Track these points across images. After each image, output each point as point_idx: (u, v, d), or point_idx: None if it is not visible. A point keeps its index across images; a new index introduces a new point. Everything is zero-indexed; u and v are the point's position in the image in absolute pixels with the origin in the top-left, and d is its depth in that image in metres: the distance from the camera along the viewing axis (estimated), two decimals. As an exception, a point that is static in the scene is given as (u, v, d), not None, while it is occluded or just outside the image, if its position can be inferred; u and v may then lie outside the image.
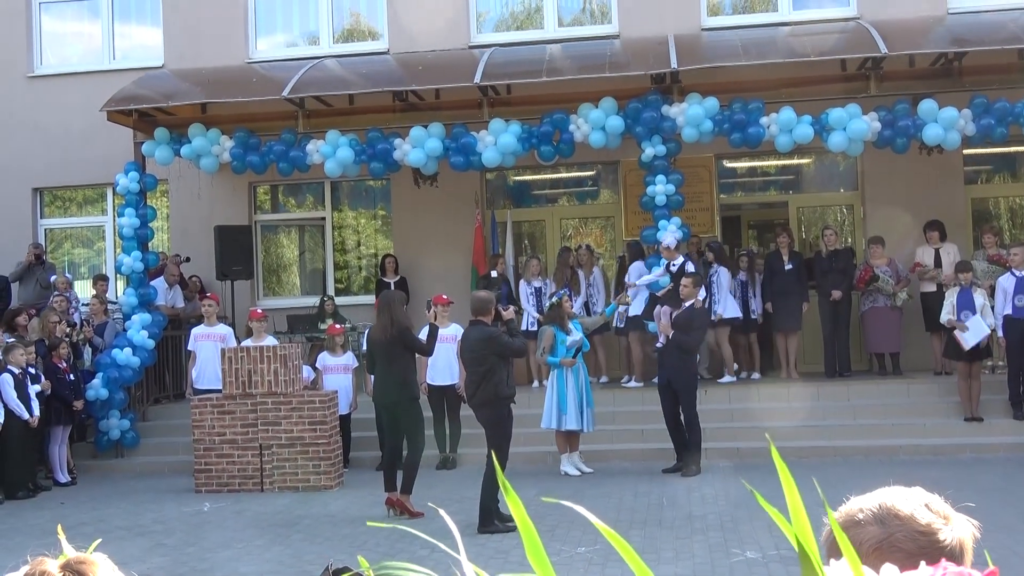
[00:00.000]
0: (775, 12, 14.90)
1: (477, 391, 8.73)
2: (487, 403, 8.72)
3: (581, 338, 11.13)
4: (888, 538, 1.53)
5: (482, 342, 8.68)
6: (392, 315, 9.40)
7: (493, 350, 8.67)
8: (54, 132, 15.69)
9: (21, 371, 11.25)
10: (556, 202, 16.15)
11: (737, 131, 12.44)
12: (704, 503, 9.25)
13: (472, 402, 8.89)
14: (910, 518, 1.55)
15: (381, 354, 9.47)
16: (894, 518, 1.55)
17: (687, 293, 11.09)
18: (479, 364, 8.69)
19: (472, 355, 8.77)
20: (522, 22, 15.68)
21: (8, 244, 15.11)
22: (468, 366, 8.93)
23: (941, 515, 1.57)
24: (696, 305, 11.06)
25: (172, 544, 8.65)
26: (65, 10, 16.55)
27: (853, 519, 1.59)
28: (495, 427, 8.77)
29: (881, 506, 1.58)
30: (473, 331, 8.81)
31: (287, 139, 13.23)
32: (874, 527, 1.56)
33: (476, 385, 8.74)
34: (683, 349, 10.85)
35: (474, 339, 8.75)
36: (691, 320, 10.89)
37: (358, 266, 16.21)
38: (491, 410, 8.74)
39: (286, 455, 10.91)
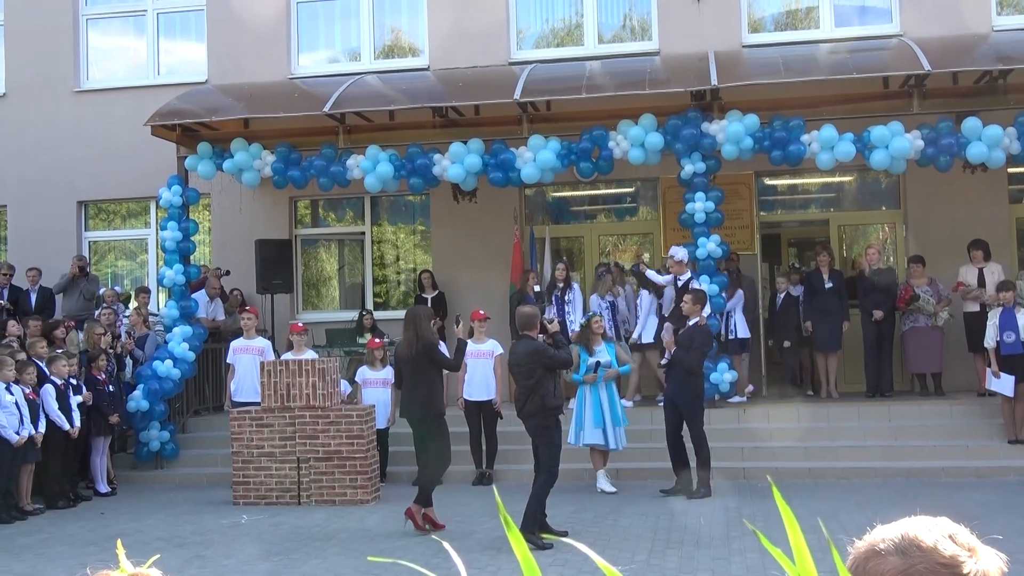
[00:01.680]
0: (816, 29, 14.82)
1: (526, 403, 8.87)
2: (535, 414, 8.87)
3: (608, 360, 11.09)
4: (908, 569, 1.48)
5: (530, 355, 8.85)
6: (417, 330, 9.45)
7: (541, 363, 8.83)
8: (99, 146, 15.91)
9: (63, 382, 11.39)
10: (595, 218, 16.13)
11: (778, 148, 12.37)
12: (742, 523, 9.16)
13: (521, 413, 9.01)
14: (933, 549, 1.49)
15: (407, 369, 9.59)
16: (916, 549, 1.50)
17: (689, 310, 10.96)
18: (527, 377, 8.83)
19: (521, 368, 8.92)
20: (562, 39, 15.71)
21: (53, 256, 15.32)
22: (517, 379, 9.07)
23: (966, 547, 1.51)
24: (699, 323, 10.91)
25: (210, 556, 8.70)
26: (111, 26, 16.81)
27: (874, 549, 1.54)
28: (542, 437, 8.92)
29: (903, 536, 1.53)
30: (521, 345, 9.01)
31: (328, 154, 13.32)
32: (895, 558, 1.50)
33: (525, 397, 8.88)
34: (685, 367, 10.69)
35: (522, 353, 8.92)
36: (692, 338, 10.72)
37: (397, 281, 16.27)
38: (539, 421, 8.88)
39: (323, 468, 10.95)
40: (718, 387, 12.48)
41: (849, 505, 9.76)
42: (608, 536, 8.84)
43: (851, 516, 9.20)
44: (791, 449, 12.00)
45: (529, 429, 9.03)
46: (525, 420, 9.03)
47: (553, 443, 8.96)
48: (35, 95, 16.26)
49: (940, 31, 13.48)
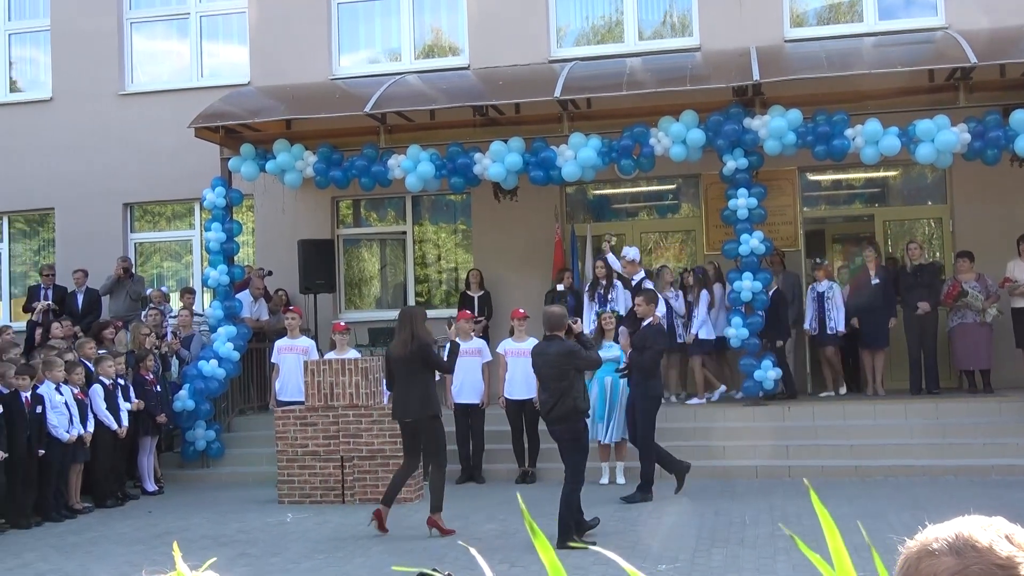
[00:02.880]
0: (860, 23, 14.66)
1: (556, 406, 8.61)
2: (565, 417, 8.63)
3: (616, 356, 11.16)
4: (963, 570, 1.43)
5: (564, 356, 8.60)
6: (413, 330, 9.34)
7: (574, 364, 8.63)
8: (144, 148, 16.09)
9: (112, 382, 11.53)
10: (636, 216, 16.07)
11: (821, 143, 12.25)
12: (788, 522, 9.08)
13: (549, 416, 8.76)
14: (988, 550, 1.44)
15: (401, 370, 9.35)
16: (971, 549, 1.45)
17: (642, 311, 10.85)
18: (560, 379, 8.59)
19: (552, 370, 8.65)
20: (603, 36, 15.66)
21: (100, 258, 15.51)
22: (547, 381, 8.77)
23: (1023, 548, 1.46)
24: (653, 323, 10.78)
25: (255, 554, 8.77)
26: (155, 29, 16.99)
27: (927, 548, 1.48)
28: (574, 441, 8.72)
29: (958, 536, 1.47)
30: (552, 346, 8.71)
31: (369, 154, 13.37)
32: (949, 558, 1.45)
33: (555, 400, 8.61)
34: (638, 369, 10.55)
35: (555, 354, 8.64)
36: (646, 339, 10.53)
37: (439, 280, 16.30)
38: (569, 424, 8.67)
39: (367, 467, 11.00)
40: (762, 384, 12.39)
41: (897, 504, 9.64)
42: (652, 535, 8.80)
43: (899, 515, 9.09)
44: (837, 447, 11.89)
45: (557, 433, 8.79)
46: (553, 424, 8.77)
47: (583, 447, 8.81)
48: (81, 99, 16.48)
49: (987, 23, 13.28)
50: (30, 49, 17.37)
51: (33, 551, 9.22)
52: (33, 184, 16.52)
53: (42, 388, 10.64)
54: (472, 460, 12.03)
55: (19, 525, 10.20)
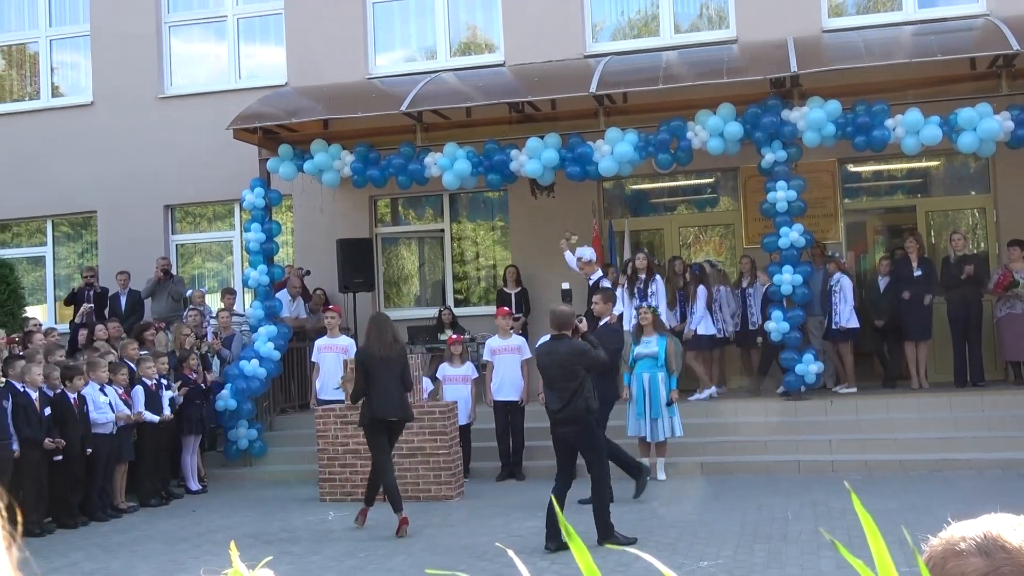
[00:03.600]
0: (899, 11, 14.48)
1: (566, 406, 8.40)
2: (577, 418, 8.42)
3: (655, 352, 11.12)
4: (993, 572, 1.37)
5: (575, 356, 8.44)
6: (395, 334, 9.82)
7: (585, 364, 8.46)
8: (184, 151, 16.24)
9: (154, 383, 11.65)
10: (674, 210, 15.98)
11: (861, 134, 12.11)
12: (831, 517, 9.00)
13: (558, 417, 8.49)
14: (1018, 550, 1.38)
15: (383, 372, 9.54)
16: (1000, 549, 1.39)
17: (599, 310, 10.74)
18: (570, 379, 8.39)
19: (563, 370, 8.42)
20: (639, 30, 15.59)
21: (142, 259, 15.67)
22: (557, 382, 8.50)
23: None
24: (610, 322, 10.64)
25: (298, 552, 8.82)
26: (193, 32, 17.13)
27: (954, 548, 1.42)
28: (590, 440, 8.58)
29: (986, 535, 1.41)
30: (562, 345, 8.52)
31: (406, 152, 13.40)
32: (977, 558, 1.39)
33: (565, 401, 8.39)
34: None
35: (566, 353, 8.45)
36: (602, 338, 9.97)
37: (477, 277, 16.31)
38: (581, 425, 8.48)
39: (407, 465, 11.02)
40: (803, 379, 12.29)
41: (943, 498, 9.52)
42: (694, 531, 8.74)
43: (945, 510, 8.91)
44: (880, 441, 11.76)
45: (569, 435, 8.51)
46: (562, 425, 8.50)
47: (598, 445, 8.66)
48: (121, 103, 16.66)
49: (1029, 9, 13.06)
50: (71, 54, 17.58)
51: (80, 550, 9.34)
52: (76, 188, 16.73)
53: (86, 389, 10.78)
54: (512, 457, 12.02)
55: (66, 525, 10.33)
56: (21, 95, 17.71)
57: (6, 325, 13.47)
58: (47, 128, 17.01)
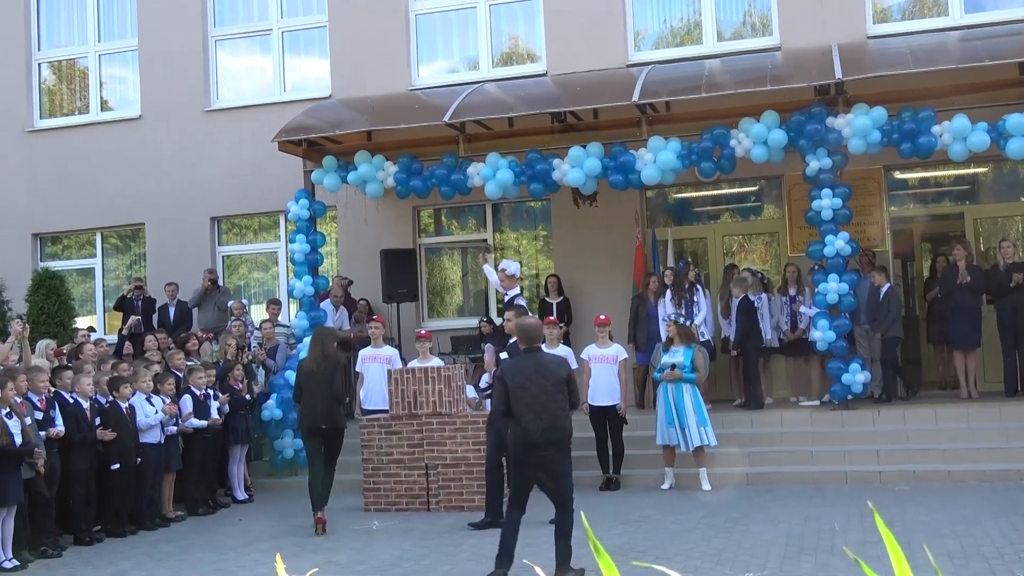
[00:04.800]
0: (945, 16, 14.33)
1: (553, 423, 7.68)
2: (561, 441, 7.77)
3: (680, 361, 11.25)
4: None
5: (562, 367, 7.90)
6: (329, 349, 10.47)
7: (571, 375, 7.96)
8: (230, 163, 16.44)
9: (202, 393, 11.78)
10: (718, 219, 15.91)
11: (907, 141, 11.99)
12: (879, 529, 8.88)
13: (544, 438, 7.66)
14: None
15: (321, 381, 10.19)
16: None
17: (510, 328, 10.52)
18: (559, 391, 7.74)
19: (553, 383, 7.71)
20: (682, 38, 15.55)
21: (190, 270, 15.87)
22: (539, 398, 7.67)
23: None
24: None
25: (343, 562, 8.86)
26: (238, 46, 17.33)
27: None
28: (564, 466, 7.84)
29: None
30: (545, 357, 7.98)
31: (448, 163, 13.46)
32: None
33: (552, 416, 7.68)
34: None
35: (554, 364, 7.86)
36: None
37: (520, 286, 16.29)
38: (563, 447, 7.80)
39: (451, 475, 11.05)
40: (850, 388, 12.17)
41: (992, 509, 9.38)
42: (739, 542, 8.68)
43: (995, 522, 8.84)
44: (928, 451, 11.60)
45: (547, 460, 7.70)
46: (547, 447, 7.67)
47: (571, 471, 7.97)
48: (168, 116, 16.90)
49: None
50: (119, 69, 17.85)
51: (128, 559, 9.45)
52: (124, 200, 16.98)
53: (134, 398, 10.92)
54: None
55: (115, 533, 10.46)
56: (71, 109, 18.02)
57: (57, 336, 13.71)
58: (96, 142, 17.30)
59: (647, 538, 9.03)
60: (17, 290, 15.74)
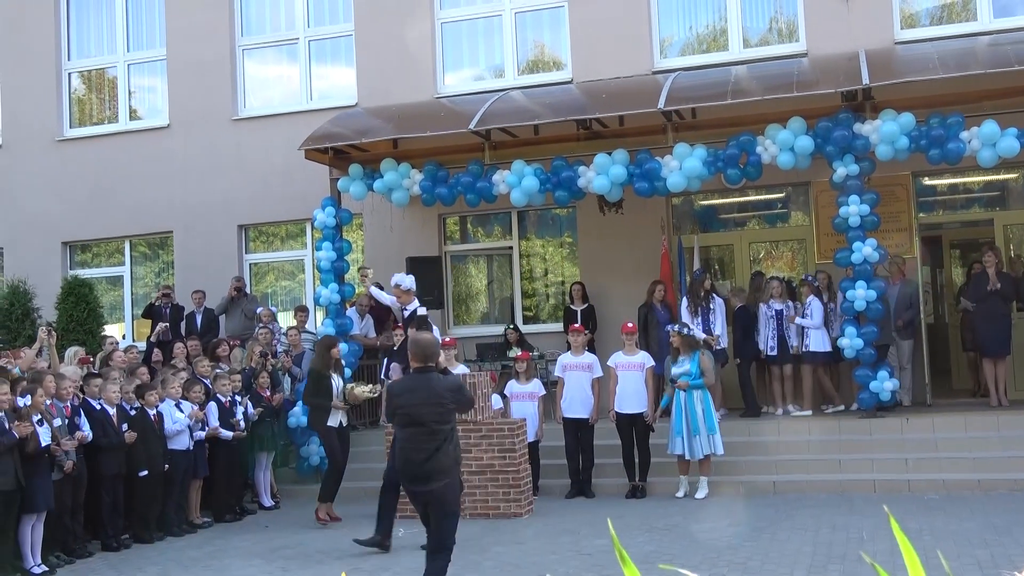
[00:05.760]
0: (974, 21, 14.22)
1: (434, 455, 6.81)
2: (447, 470, 6.87)
3: (688, 370, 11.29)
4: None
5: (453, 392, 7.04)
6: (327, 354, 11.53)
7: (459, 403, 7.15)
8: (257, 171, 16.53)
9: (228, 400, 11.83)
10: (744, 226, 15.84)
11: (935, 147, 11.90)
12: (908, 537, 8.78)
13: (424, 469, 6.81)
14: None
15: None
16: None
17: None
18: (444, 421, 6.92)
19: (438, 409, 6.89)
20: (708, 45, 15.52)
21: (218, 278, 15.97)
22: (425, 424, 6.88)
23: None
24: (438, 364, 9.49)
25: (368, 568, 8.87)
26: (266, 55, 17.44)
27: None
28: (453, 502, 7.01)
29: None
30: (434, 380, 7.02)
31: (474, 170, 13.48)
32: None
33: (434, 449, 6.82)
34: None
35: (443, 388, 6.98)
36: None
37: (546, 294, 16.32)
38: (452, 481, 6.95)
39: (477, 482, 11.04)
40: (878, 396, 12.08)
41: (1022, 519, 9.27)
42: (766, 551, 8.62)
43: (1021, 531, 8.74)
44: (958, 460, 11.48)
45: (435, 493, 6.84)
46: (429, 480, 6.81)
47: (459, 510, 7.17)
48: (196, 125, 17.03)
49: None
50: (148, 78, 18.00)
51: (155, 565, 9.50)
52: (153, 208, 17.11)
53: (162, 405, 10.99)
54: (582, 474, 11.98)
55: (142, 539, 10.52)
56: (100, 119, 18.18)
57: (86, 343, 13.81)
58: (125, 151, 17.44)
59: (673, 546, 8.99)
60: (47, 297, 15.87)
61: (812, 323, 13.15)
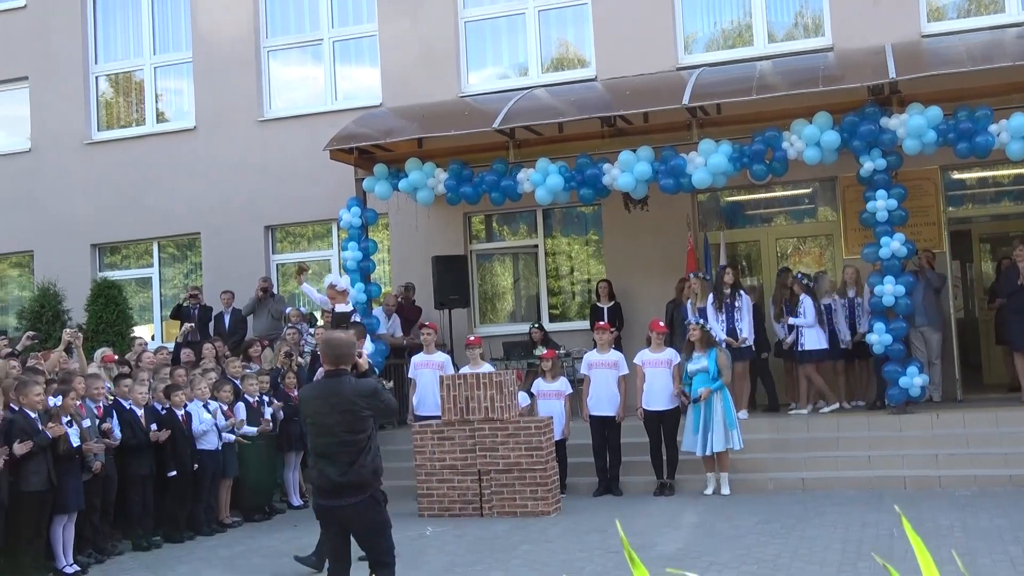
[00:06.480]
0: (1002, 13, 14.09)
1: (351, 468, 6.06)
2: (363, 485, 6.12)
3: (705, 366, 11.25)
4: None
5: (364, 397, 6.15)
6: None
7: (377, 408, 6.26)
8: (283, 172, 16.61)
9: (256, 400, 11.89)
10: (771, 222, 15.76)
11: (963, 140, 11.79)
12: (939, 534, 8.73)
13: (337, 483, 6.09)
14: None
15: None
16: None
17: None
18: (358, 429, 6.10)
19: (348, 418, 6.10)
20: (733, 40, 15.45)
21: (245, 279, 16.07)
22: (336, 434, 6.10)
23: None
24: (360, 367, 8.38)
25: (397, 567, 8.86)
26: (290, 56, 17.51)
27: None
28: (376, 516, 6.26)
29: None
30: (344, 385, 6.19)
31: (498, 169, 13.48)
32: None
33: (350, 462, 6.06)
34: None
35: (352, 395, 6.14)
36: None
37: (572, 292, 16.30)
38: (371, 496, 6.18)
39: (504, 480, 11.04)
40: (908, 391, 11.99)
41: (1055, 516, 9.18)
42: (795, 548, 8.58)
43: (1059, 527, 8.65)
44: (989, 456, 11.38)
45: (351, 510, 6.15)
46: (343, 495, 6.10)
47: (387, 522, 6.39)
48: (222, 127, 17.13)
49: None
50: (174, 80, 18.13)
51: (186, 564, 9.56)
52: (180, 210, 17.23)
53: (191, 405, 11.06)
54: (609, 472, 11.96)
55: (172, 539, 10.59)
56: (128, 121, 18.32)
57: (115, 345, 13.93)
58: (153, 153, 17.57)
59: (701, 544, 8.95)
60: (77, 300, 16.03)
61: (806, 322, 13.11)
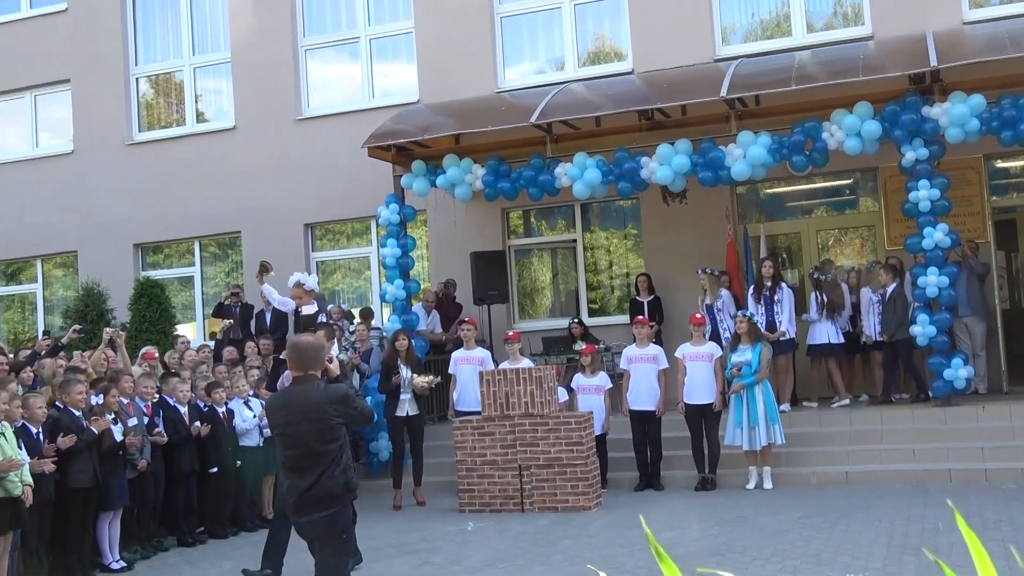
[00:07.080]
0: (1048, -2, 13.86)
1: (319, 480, 5.67)
2: (334, 498, 5.73)
3: (749, 359, 11.20)
4: None
5: (334, 404, 5.76)
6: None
7: (348, 416, 5.87)
8: (321, 170, 16.69)
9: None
10: (812, 213, 15.62)
11: (1008, 129, 11.62)
12: (986, 528, 8.62)
13: (306, 497, 5.70)
14: None
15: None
16: None
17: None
18: (328, 439, 5.73)
19: (317, 427, 5.71)
20: (771, 31, 15.32)
21: (286, 277, 16.07)
22: (303, 444, 5.73)
23: None
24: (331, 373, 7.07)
25: (438, 562, 8.91)
26: (328, 55, 17.59)
27: None
28: (342, 536, 5.90)
29: None
30: (313, 391, 5.79)
31: (536, 164, 13.47)
32: None
33: (319, 472, 5.68)
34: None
35: (321, 401, 5.74)
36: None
37: (611, 286, 16.25)
38: (339, 511, 5.79)
39: (544, 476, 11.03)
40: (952, 384, 11.85)
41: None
42: (839, 542, 8.50)
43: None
44: (1018, 448, 11.21)
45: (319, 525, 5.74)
46: (313, 510, 5.70)
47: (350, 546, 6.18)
48: (261, 126, 17.25)
49: None
50: (213, 81, 18.28)
51: (229, 559, 9.64)
52: (221, 209, 17.37)
53: (232, 403, 11.16)
54: (650, 467, 11.92)
55: (217, 535, 10.70)
56: (168, 122, 18.50)
57: (159, 343, 14.07)
58: (193, 153, 17.73)
59: (744, 538, 8.90)
60: (120, 299, 16.23)
61: (815, 317, 13.03)
